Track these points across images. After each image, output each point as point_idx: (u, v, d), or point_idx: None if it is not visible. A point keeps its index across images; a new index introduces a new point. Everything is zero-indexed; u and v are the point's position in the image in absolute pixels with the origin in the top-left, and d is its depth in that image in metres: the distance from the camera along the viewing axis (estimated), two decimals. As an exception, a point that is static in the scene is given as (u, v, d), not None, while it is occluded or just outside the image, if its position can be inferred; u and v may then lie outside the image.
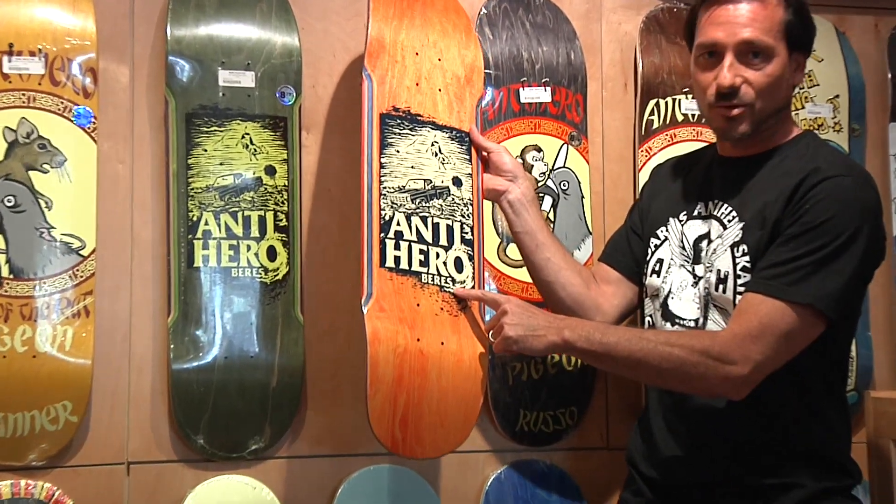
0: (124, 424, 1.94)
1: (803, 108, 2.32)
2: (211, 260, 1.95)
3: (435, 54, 1.90)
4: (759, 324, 1.57)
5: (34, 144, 1.87)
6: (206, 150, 1.96)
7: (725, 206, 1.71)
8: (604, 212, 2.22)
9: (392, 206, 1.79)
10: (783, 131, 1.72)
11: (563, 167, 2.17)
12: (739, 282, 1.65)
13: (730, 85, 1.65)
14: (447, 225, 1.84)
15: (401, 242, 1.78)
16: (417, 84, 1.87)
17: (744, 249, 1.65)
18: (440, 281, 1.81)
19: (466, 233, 1.86)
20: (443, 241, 1.83)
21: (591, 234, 2.16)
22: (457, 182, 1.87)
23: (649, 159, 2.19)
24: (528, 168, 2.14)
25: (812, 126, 2.31)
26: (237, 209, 1.97)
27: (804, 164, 1.64)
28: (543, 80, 2.17)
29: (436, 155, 1.86)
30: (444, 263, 1.82)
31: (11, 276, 1.83)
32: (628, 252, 1.90)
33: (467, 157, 1.89)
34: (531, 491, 2.10)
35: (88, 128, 1.91)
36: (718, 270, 1.68)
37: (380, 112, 1.81)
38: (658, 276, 1.80)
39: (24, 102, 1.86)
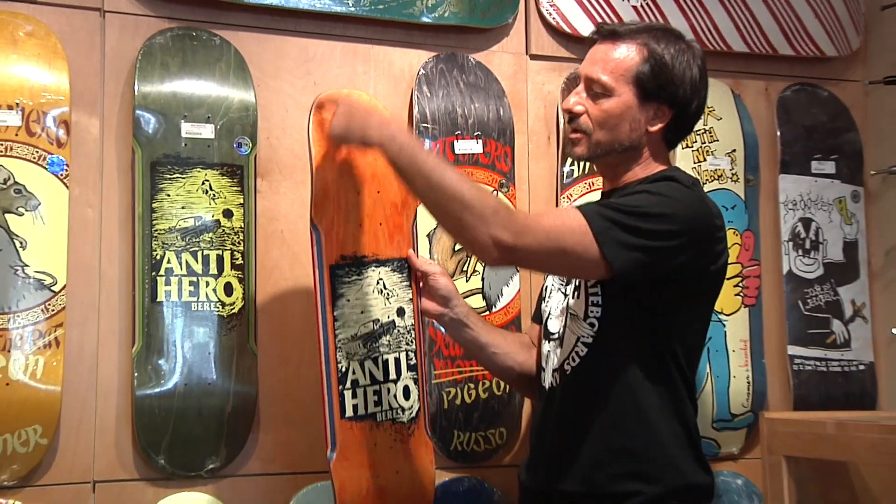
0: (91, 446, 1.95)
1: (705, 160, 2.42)
2: (173, 295, 1.97)
3: (374, 187, 1.89)
4: (553, 225, 1.60)
5: (10, 190, 1.88)
6: (169, 195, 1.99)
7: None
8: (530, 252, 2.30)
9: (347, 357, 1.80)
10: (645, 168, 1.75)
11: None
12: (591, 288, 1.69)
13: (567, 109, 1.74)
14: (395, 358, 1.87)
15: (357, 389, 1.80)
16: (361, 225, 1.86)
17: None
18: (392, 415, 1.85)
19: (411, 359, 1.89)
20: (392, 375, 1.86)
21: (517, 271, 2.22)
22: (400, 312, 1.89)
23: (570, 204, 2.26)
24: None
25: (712, 176, 2.42)
26: (197, 248, 2.00)
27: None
28: (476, 134, 2.23)
29: (381, 292, 1.87)
30: (395, 396, 1.86)
31: (-13, 311, 1.85)
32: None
33: (408, 283, 1.90)
34: (465, 505, 2.14)
35: (61, 175, 1.93)
36: (575, 282, 1.74)
37: (329, 264, 1.80)
38: (545, 302, 1.86)
39: (2, 152, 1.89)
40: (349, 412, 1.79)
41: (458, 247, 2.18)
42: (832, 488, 2.17)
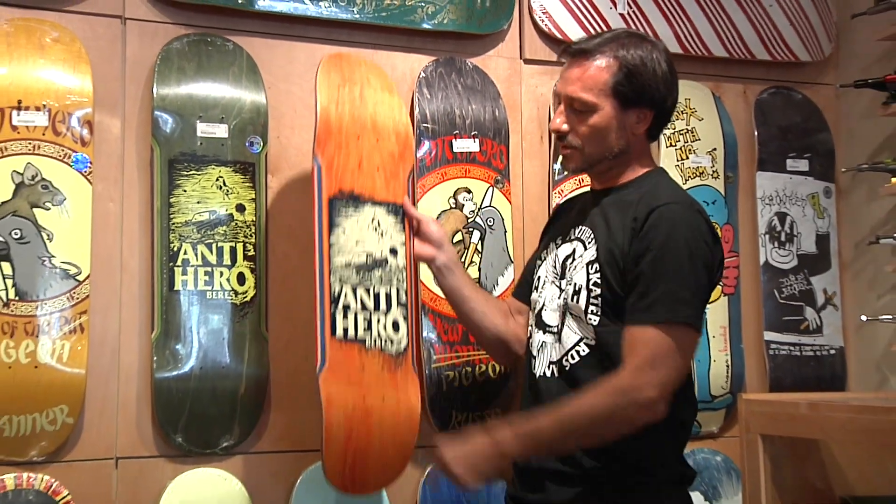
0: (113, 425, 2.01)
1: (688, 158, 2.48)
2: (189, 284, 2.03)
3: (373, 136, 1.96)
4: (650, 352, 1.61)
5: (38, 185, 1.94)
6: (185, 191, 2.04)
7: (586, 229, 1.77)
8: (524, 244, 2.33)
9: (340, 281, 1.84)
10: (634, 169, 1.78)
11: (490, 206, 2.29)
12: (592, 294, 1.72)
13: (555, 129, 1.77)
14: (386, 292, 1.91)
15: (348, 312, 1.84)
16: (359, 166, 1.91)
17: (596, 267, 1.72)
18: (381, 344, 1.88)
19: (402, 297, 1.93)
20: (382, 307, 1.90)
21: (512, 262, 2.28)
22: (393, 252, 1.93)
23: (562, 199, 2.30)
24: (460, 206, 2.25)
25: (694, 173, 2.48)
26: (212, 241, 2.05)
27: (643, 197, 1.72)
28: (473, 133, 2.29)
29: (375, 230, 1.91)
30: (384, 327, 1.89)
31: (17, 298, 1.90)
32: (528, 288, 1.94)
33: (401, 226, 1.96)
34: (462, 480, 2.21)
35: (85, 171, 1.98)
36: (575, 283, 1.75)
37: (328, 196, 1.84)
38: (537, 292, 1.86)
39: (30, 150, 1.94)
40: (339, 333, 1.81)
41: (456, 239, 2.24)
42: (805, 464, 2.18)
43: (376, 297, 1.89)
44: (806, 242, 2.61)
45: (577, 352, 1.74)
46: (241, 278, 2.07)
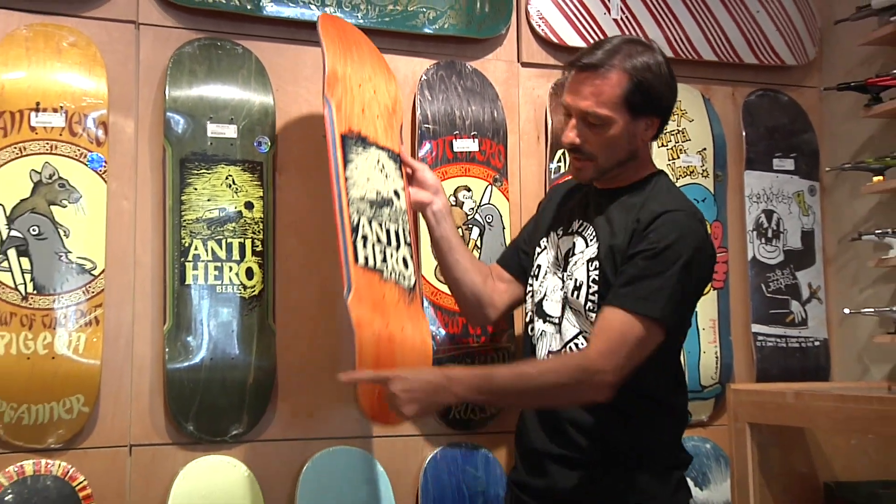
0: (127, 414, 2.03)
1: (679, 157, 2.50)
2: (200, 278, 2.05)
3: (371, 87, 2.00)
4: (618, 336, 1.64)
5: (55, 184, 1.96)
6: (196, 189, 2.06)
7: (589, 227, 1.80)
8: (521, 240, 2.31)
9: (358, 213, 1.82)
10: (638, 172, 1.81)
11: (489, 203, 2.31)
12: (590, 291, 1.75)
13: (569, 143, 1.76)
14: (395, 230, 1.91)
15: (367, 243, 1.83)
16: (363, 111, 1.93)
17: (596, 265, 1.75)
18: (395, 277, 1.88)
19: (407, 237, 1.94)
20: (393, 242, 1.89)
21: None
22: (396, 194, 1.95)
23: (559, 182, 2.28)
24: (460, 204, 2.28)
25: (685, 172, 2.51)
26: (221, 237, 2.07)
27: (647, 201, 1.75)
28: (472, 133, 2.31)
29: (381, 171, 1.92)
30: (396, 261, 1.89)
31: (35, 292, 1.93)
32: (517, 260, 1.99)
33: (400, 173, 1.98)
34: (461, 467, 2.22)
35: (100, 170, 2.00)
36: (576, 279, 1.77)
37: (341, 133, 1.85)
38: (537, 280, 1.89)
39: (47, 150, 1.96)
40: (361, 261, 1.80)
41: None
42: (790, 451, 2.22)
43: (388, 232, 1.88)
44: (792, 239, 2.63)
45: (576, 344, 1.78)
46: (249, 273, 2.09)
